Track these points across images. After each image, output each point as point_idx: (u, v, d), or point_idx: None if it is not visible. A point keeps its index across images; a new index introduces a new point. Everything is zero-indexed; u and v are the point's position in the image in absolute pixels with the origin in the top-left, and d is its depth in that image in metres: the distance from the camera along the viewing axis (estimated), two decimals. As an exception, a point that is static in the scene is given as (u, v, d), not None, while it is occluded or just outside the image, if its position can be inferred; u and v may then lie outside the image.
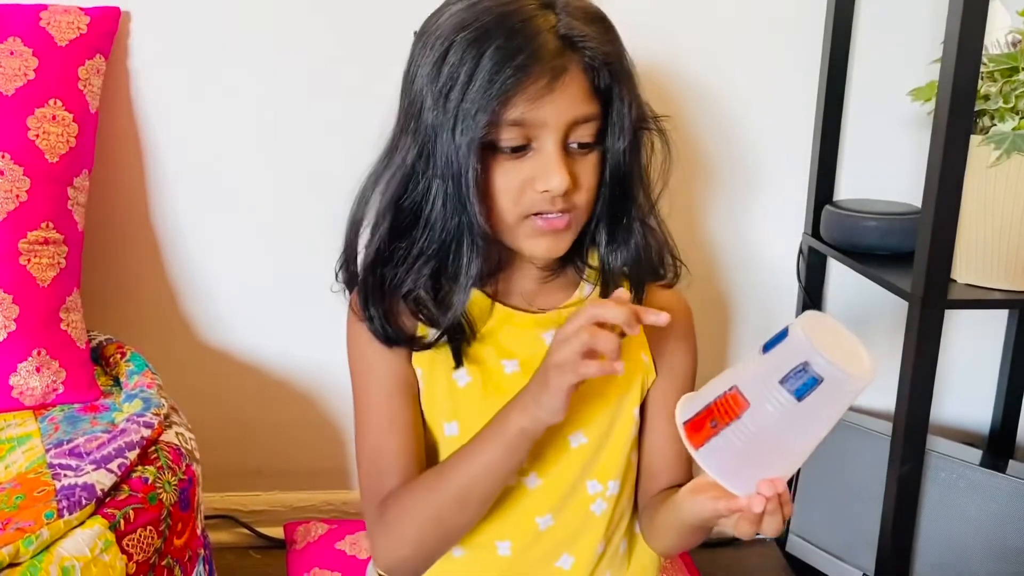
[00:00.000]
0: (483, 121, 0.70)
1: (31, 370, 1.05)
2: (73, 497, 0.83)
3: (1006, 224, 1.09)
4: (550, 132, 0.72)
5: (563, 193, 0.73)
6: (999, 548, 1.20)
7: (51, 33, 1.13)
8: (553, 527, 0.82)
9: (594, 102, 0.73)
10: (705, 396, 0.65)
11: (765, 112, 1.35)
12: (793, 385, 0.59)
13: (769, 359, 0.61)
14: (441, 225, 0.75)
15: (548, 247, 0.76)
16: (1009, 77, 1.09)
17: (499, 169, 0.73)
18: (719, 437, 0.62)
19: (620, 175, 0.76)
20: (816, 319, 0.63)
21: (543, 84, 0.70)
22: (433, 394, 0.82)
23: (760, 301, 1.44)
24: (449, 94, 0.71)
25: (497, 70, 0.69)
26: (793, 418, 0.60)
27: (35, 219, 1.08)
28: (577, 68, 0.71)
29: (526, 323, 0.82)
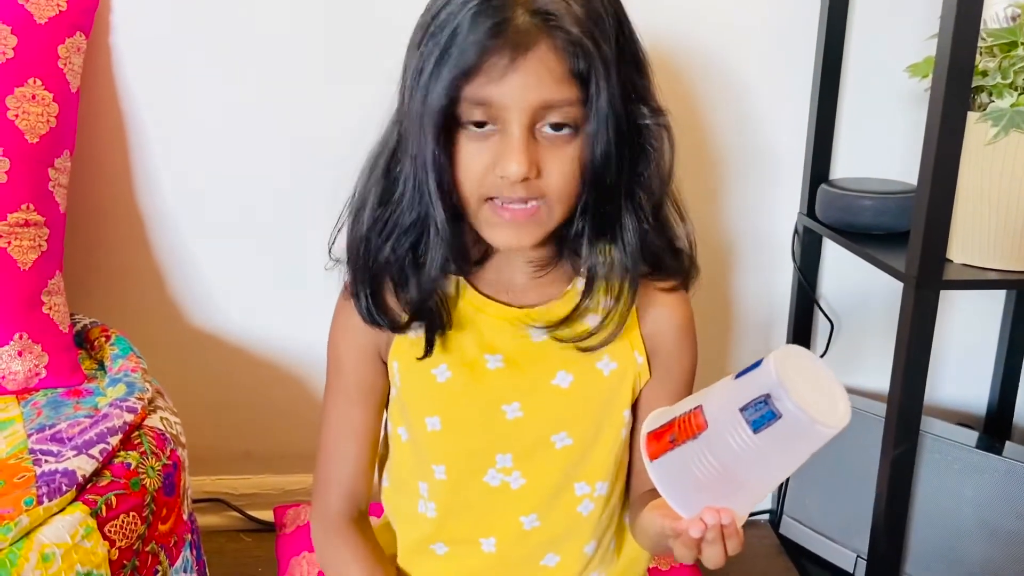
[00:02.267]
0: (442, 96, 0.67)
1: (13, 354, 1.04)
2: (53, 483, 0.82)
3: (1003, 203, 1.07)
4: (513, 114, 0.67)
5: (522, 180, 0.68)
6: (994, 530, 1.20)
7: (30, 10, 1.11)
8: (539, 527, 0.81)
9: (569, 86, 0.68)
10: (673, 411, 0.63)
11: (760, 89, 1.33)
12: (751, 416, 0.56)
13: (737, 385, 0.59)
14: (409, 203, 0.73)
15: (510, 237, 0.72)
16: (1008, 52, 1.07)
17: (465, 148, 0.70)
18: (674, 453, 0.60)
19: (597, 166, 0.70)
20: (796, 354, 0.59)
21: (505, 62, 0.66)
22: (413, 389, 0.80)
23: (755, 281, 1.43)
24: (422, 67, 0.69)
25: (462, 44, 0.66)
26: (748, 450, 0.57)
27: (15, 201, 1.06)
28: (548, 49, 0.66)
29: (512, 317, 0.79)
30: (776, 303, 1.45)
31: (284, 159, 1.30)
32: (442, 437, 0.79)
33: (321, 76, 1.27)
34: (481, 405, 0.79)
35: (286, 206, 1.31)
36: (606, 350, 0.79)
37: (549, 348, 0.78)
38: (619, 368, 0.80)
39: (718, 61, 1.31)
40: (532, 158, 0.68)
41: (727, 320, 1.45)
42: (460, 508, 0.82)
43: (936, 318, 1.05)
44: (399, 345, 0.80)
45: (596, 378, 0.79)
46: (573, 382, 0.79)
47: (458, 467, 0.80)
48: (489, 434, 0.79)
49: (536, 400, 0.79)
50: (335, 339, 0.83)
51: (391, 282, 0.77)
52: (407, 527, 0.86)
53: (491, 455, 0.79)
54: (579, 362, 0.79)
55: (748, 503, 0.62)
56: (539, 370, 0.79)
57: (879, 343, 1.43)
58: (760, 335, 1.46)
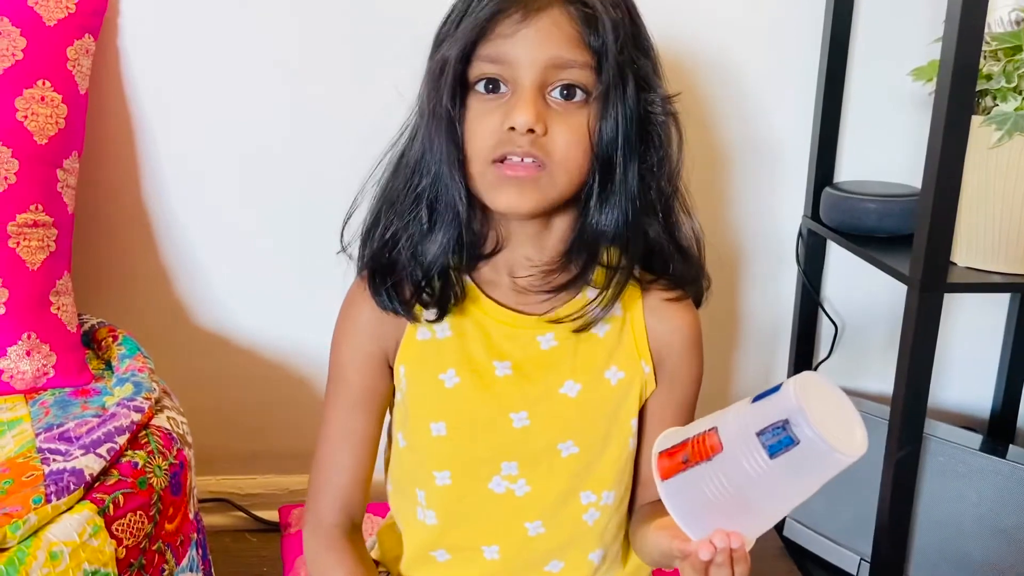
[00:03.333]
0: (457, 55, 0.69)
1: (21, 354, 1.05)
2: (61, 482, 0.82)
3: (1007, 207, 1.07)
4: (523, 71, 0.69)
5: (530, 132, 0.69)
6: (997, 533, 1.20)
7: (39, 13, 1.12)
8: (543, 534, 0.81)
9: (582, 50, 0.69)
10: (686, 432, 0.62)
11: (765, 92, 1.34)
12: (768, 440, 0.56)
13: (755, 409, 0.59)
14: (427, 168, 0.74)
15: (511, 197, 0.71)
16: (1012, 56, 1.08)
17: (475, 110, 0.71)
18: (686, 474, 0.60)
19: (603, 137, 0.71)
20: (816, 381, 0.59)
21: (516, 18, 0.68)
22: (419, 393, 0.80)
23: (759, 284, 1.43)
24: (444, 37, 0.72)
25: (477, 8, 0.69)
26: (763, 475, 0.57)
27: (24, 202, 1.07)
28: (561, 11, 0.69)
29: (522, 324, 0.79)
30: (780, 306, 1.45)
31: (293, 161, 1.30)
32: (447, 443, 0.79)
33: (331, 78, 1.27)
34: (489, 412, 0.78)
35: (295, 207, 1.32)
36: (613, 359, 0.79)
37: (558, 356, 0.78)
38: (626, 377, 0.79)
39: (722, 64, 1.31)
40: (540, 113, 0.70)
41: (731, 323, 1.45)
42: (463, 515, 0.81)
43: (940, 321, 1.05)
44: (407, 349, 0.79)
45: (603, 387, 0.79)
46: (581, 391, 0.78)
47: (463, 473, 0.80)
48: (495, 441, 0.79)
49: (544, 409, 0.78)
50: (339, 345, 0.82)
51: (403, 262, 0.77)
52: (409, 532, 0.85)
53: (496, 462, 0.79)
54: (587, 371, 0.79)
55: (758, 528, 0.62)
56: (547, 378, 0.79)
57: (883, 346, 1.43)
58: (764, 338, 1.47)
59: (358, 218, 0.81)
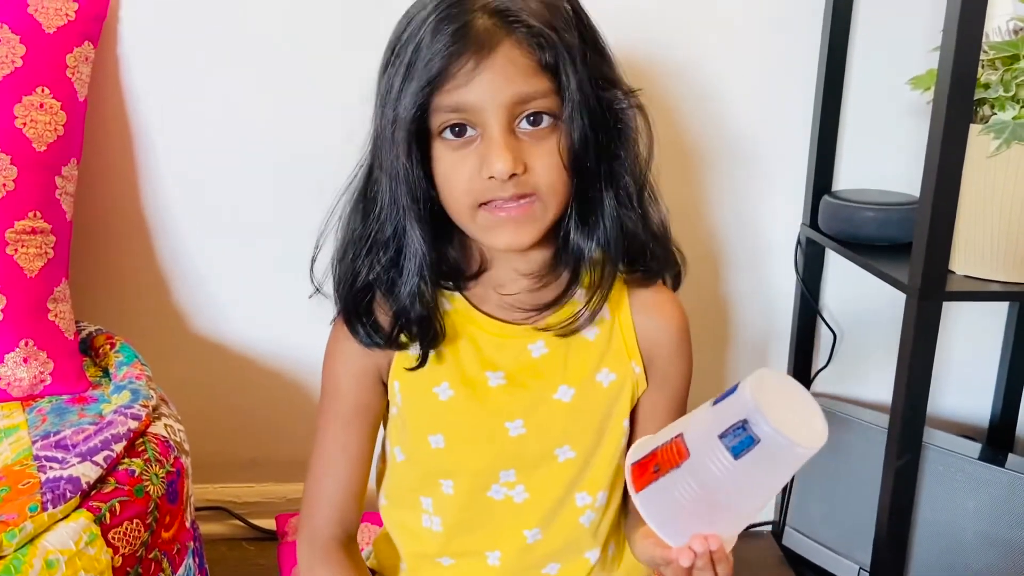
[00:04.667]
0: (411, 107, 0.68)
1: (18, 361, 1.05)
2: (58, 490, 0.82)
3: (1006, 215, 1.07)
4: (490, 115, 0.68)
5: (510, 177, 0.69)
6: (996, 542, 1.19)
7: (39, 20, 1.12)
8: (541, 540, 0.81)
9: (541, 78, 0.69)
10: (655, 441, 0.63)
11: (763, 101, 1.34)
12: (731, 442, 0.57)
13: (715, 412, 0.60)
14: (387, 217, 0.74)
15: (510, 237, 0.72)
16: (1010, 65, 1.08)
17: (447, 159, 0.71)
18: (659, 483, 0.60)
19: (577, 152, 0.71)
20: (771, 378, 0.60)
21: (471, 66, 0.67)
22: (414, 407, 0.80)
23: (757, 292, 1.43)
24: (391, 87, 0.70)
25: (426, 55, 0.67)
26: (730, 476, 0.58)
27: (22, 208, 1.07)
28: (512, 45, 0.68)
29: (512, 334, 0.79)
30: (779, 314, 1.45)
31: (292, 169, 1.30)
32: (446, 455, 0.79)
33: (332, 87, 1.27)
34: (484, 423, 0.78)
35: (293, 216, 1.31)
36: (604, 362, 0.79)
37: (549, 362, 0.79)
38: (618, 379, 0.80)
39: (720, 72, 1.31)
40: (516, 154, 0.69)
41: (729, 331, 1.45)
42: (467, 522, 0.81)
43: (939, 329, 1.05)
44: (399, 365, 0.79)
45: (596, 390, 0.79)
46: (575, 395, 0.79)
47: (462, 483, 0.80)
48: (492, 451, 0.79)
49: (539, 416, 0.79)
50: (331, 364, 0.82)
51: (383, 300, 0.78)
52: (411, 541, 0.85)
53: (495, 471, 0.79)
54: (579, 375, 0.79)
55: (734, 526, 0.63)
56: (540, 385, 0.79)
57: (882, 354, 1.43)
58: (762, 346, 1.46)
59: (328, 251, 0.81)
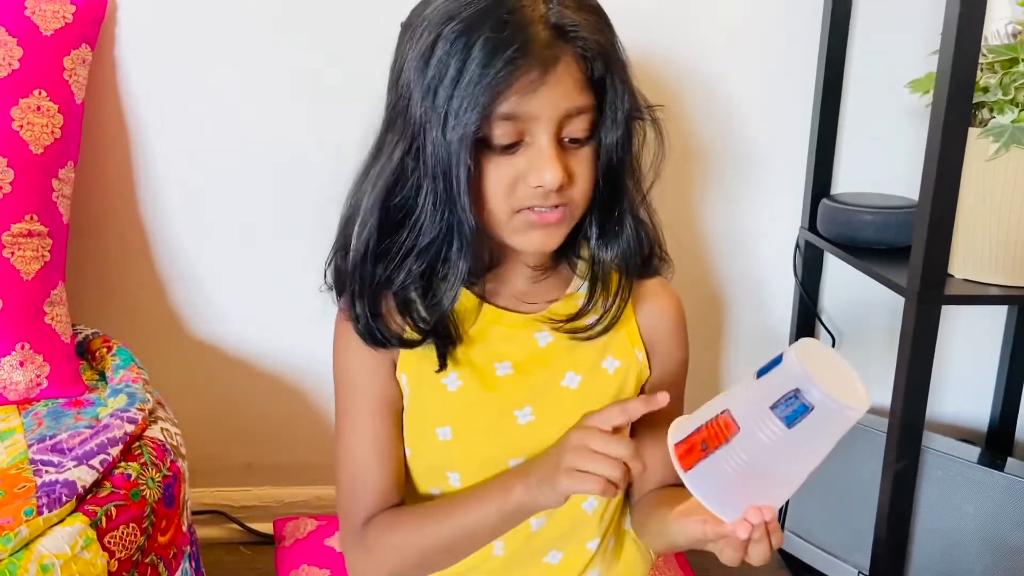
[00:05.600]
0: (474, 118, 0.67)
1: (14, 364, 1.04)
2: (54, 494, 0.82)
3: (1005, 219, 1.07)
4: (543, 125, 0.69)
5: (558, 188, 0.70)
6: (995, 546, 1.19)
7: (36, 22, 1.12)
8: (545, 527, 0.82)
9: (588, 93, 0.71)
10: (697, 419, 0.63)
11: (762, 104, 1.34)
12: (784, 412, 0.58)
13: (762, 384, 0.60)
14: (431, 224, 0.72)
15: (541, 241, 0.74)
16: (1009, 69, 1.08)
17: (491, 165, 0.71)
18: (708, 460, 0.61)
19: (612, 167, 0.74)
20: (812, 346, 0.62)
21: (534, 76, 0.67)
22: (422, 400, 0.80)
23: (756, 296, 1.43)
24: (438, 89, 0.69)
25: (487, 63, 0.66)
26: (783, 445, 0.59)
27: (19, 211, 1.06)
28: (569, 58, 0.69)
29: (518, 323, 0.80)
30: (777, 317, 1.45)
31: (288, 172, 1.30)
32: (455, 446, 0.79)
33: (327, 89, 1.27)
34: (493, 412, 0.79)
35: (288, 218, 1.31)
36: (609, 349, 0.80)
37: (555, 351, 0.80)
38: (622, 366, 0.81)
39: (719, 75, 1.31)
40: (566, 166, 0.71)
41: (728, 333, 1.45)
42: None
43: (937, 333, 1.05)
44: (405, 359, 0.79)
45: (602, 377, 0.80)
46: (582, 382, 0.80)
47: (471, 474, 0.80)
48: (502, 440, 0.79)
49: (547, 403, 0.79)
50: (343, 360, 0.81)
51: (394, 302, 0.77)
52: None
53: (504, 460, 0.79)
54: (585, 362, 0.80)
55: (783, 495, 0.64)
56: (548, 373, 0.80)
57: (881, 358, 1.43)
58: (761, 349, 1.46)
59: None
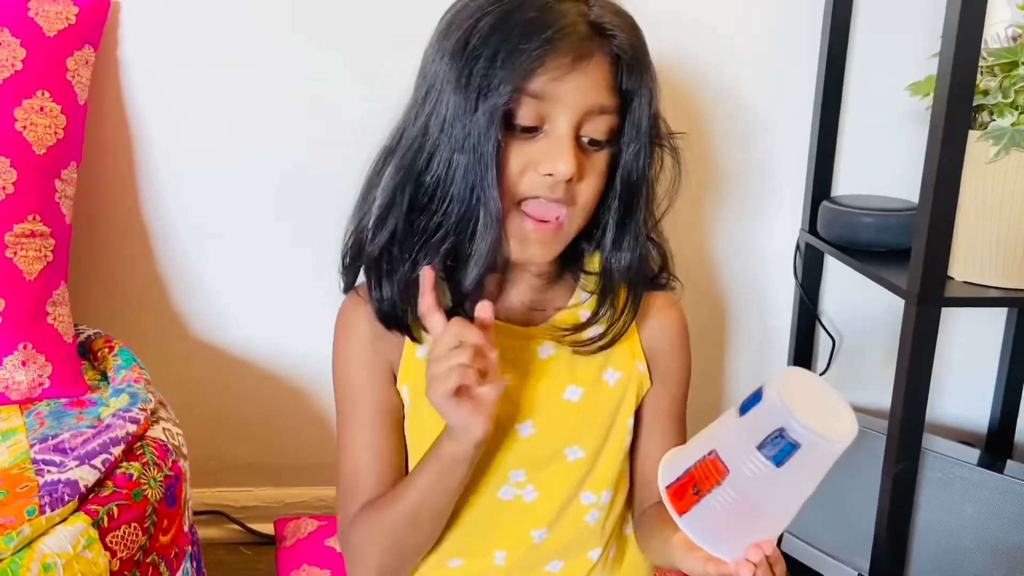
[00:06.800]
0: (507, 91, 0.68)
1: (17, 364, 1.04)
2: (56, 493, 0.82)
3: (1004, 221, 1.07)
4: (565, 113, 0.70)
5: (566, 180, 0.70)
6: (995, 548, 1.19)
7: (39, 23, 1.12)
8: (547, 539, 0.82)
9: (614, 95, 0.71)
10: (685, 459, 0.63)
11: (763, 107, 1.34)
12: (771, 452, 0.58)
13: (745, 423, 0.60)
14: (459, 199, 0.71)
15: (534, 253, 0.73)
16: (1009, 72, 1.08)
17: (508, 147, 0.71)
18: (702, 504, 0.61)
19: (631, 178, 0.74)
20: (793, 377, 0.61)
21: (567, 61, 0.68)
22: (423, 411, 0.79)
23: (756, 298, 1.43)
24: (474, 68, 0.69)
25: (524, 41, 0.67)
26: (773, 483, 0.59)
27: (22, 211, 1.07)
28: (603, 56, 0.70)
29: (519, 335, 0.79)
30: (778, 319, 1.45)
31: (290, 173, 1.30)
32: None
33: (331, 90, 1.27)
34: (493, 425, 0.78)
35: (291, 219, 1.32)
36: (610, 361, 0.80)
37: (557, 363, 0.79)
38: (623, 377, 0.81)
39: (720, 78, 1.32)
40: (580, 161, 0.71)
41: (728, 336, 1.45)
42: (474, 524, 0.81)
43: (937, 335, 1.05)
44: (407, 368, 0.79)
45: (603, 389, 0.80)
46: (583, 395, 0.79)
47: (472, 485, 0.80)
48: (502, 452, 0.79)
49: (548, 416, 0.79)
50: (344, 362, 0.81)
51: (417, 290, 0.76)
52: None
53: (504, 471, 0.80)
54: (586, 374, 0.80)
55: (780, 527, 0.64)
56: (549, 386, 0.79)
57: (881, 360, 1.43)
58: (762, 352, 1.46)
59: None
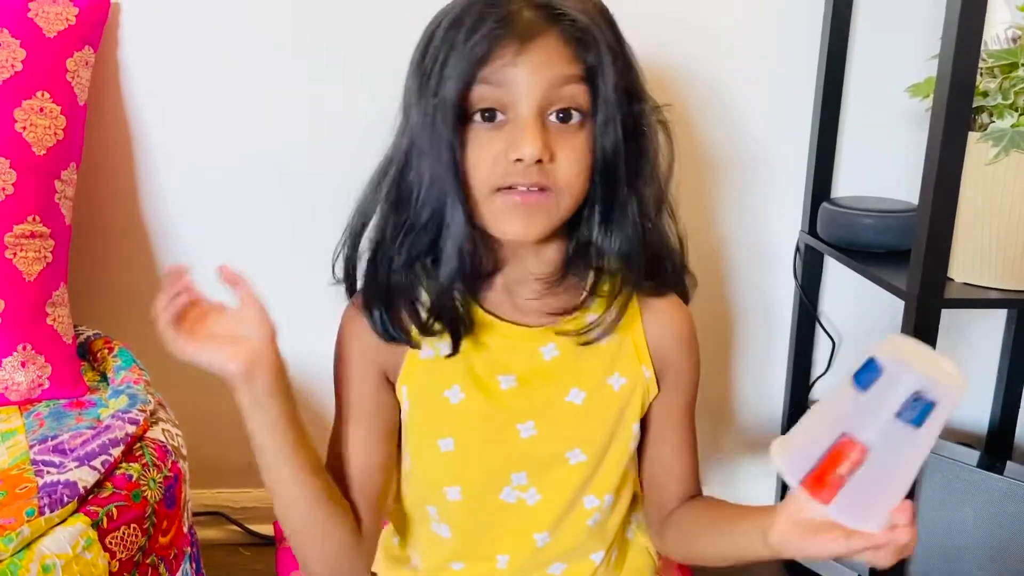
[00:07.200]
0: (456, 86, 0.68)
1: (16, 365, 1.04)
2: (55, 494, 0.82)
3: (1004, 222, 1.07)
4: (524, 95, 0.69)
5: (537, 162, 0.69)
6: (996, 550, 1.19)
7: (39, 24, 1.12)
8: (550, 543, 0.81)
9: (575, 65, 0.70)
10: (809, 449, 0.63)
11: (763, 108, 1.34)
12: (911, 416, 0.59)
13: (872, 396, 0.61)
14: (425, 200, 0.73)
15: (517, 227, 0.71)
16: (1008, 73, 1.08)
17: (474, 140, 0.71)
18: (847, 488, 0.61)
19: (606, 156, 0.72)
20: (899, 342, 0.63)
21: (514, 48, 0.68)
22: (423, 413, 0.79)
23: (756, 299, 1.43)
24: (431, 73, 0.70)
25: (470, 36, 0.68)
26: (915, 446, 0.61)
27: (21, 212, 1.07)
28: (555, 35, 0.69)
29: (522, 336, 0.79)
30: (777, 320, 1.45)
31: (291, 174, 1.30)
32: (456, 458, 0.78)
33: (332, 91, 1.27)
34: (495, 425, 0.78)
35: (291, 220, 1.32)
36: (615, 366, 0.79)
37: (561, 365, 0.79)
38: (628, 383, 0.80)
39: (719, 79, 1.32)
40: (546, 142, 0.69)
41: (728, 337, 1.45)
42: (477, 527, 0.81)
43: (937, 336, 1.05)
44: (409, 369, 0.79)
45: (607, 393, 0.79)
46: (587, 398, 0.79)
47: (473, 487, 0.80)
48: (504, 453, 0.79)
49: (550, 418, 0.79)
50: (342, 368, 0.82)
51: (405, 294, 0.77)
52: (425, 548, 0.85)
53: (506, 473, 0.79)
54: (591, 378, 0.79)
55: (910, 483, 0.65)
56: (552, 388, 0.79)
57: (880, 361, 1.43)
58: (761, 352, 1.46)
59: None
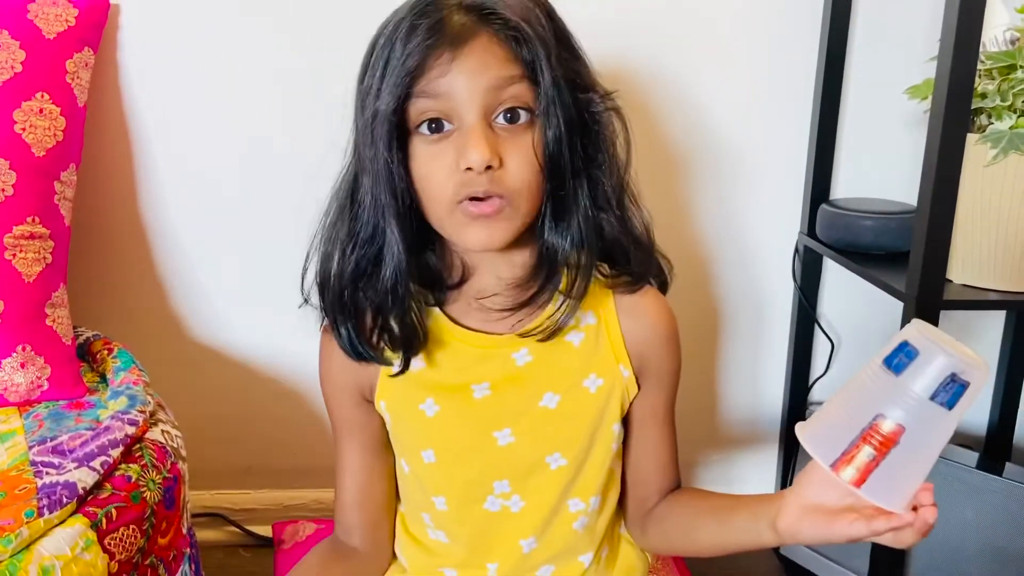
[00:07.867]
0: (390, 101, 0.68)
1: (15, 366, 1.04)
2: (54, 495, 0.82)
3: (1003, 224, 1.07)
4: (465, 102, 0.68)
5: (486, 169, 0.68)
6: (995, 552, 1.19)
7: (39, 26, 1.12)
8: (537, 548, 0.82)
9: (514, 66, 0.69)
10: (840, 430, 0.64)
11: (761, 109, 1.34)
12: (945, 398, 0.60)
13: (908, 379, 0.61)
14: (369, 216, 0.73)
15: (480, 238, 0.71)
16: (1007, 75, 1.08)
17: (425, 153, 0.70)
18: (879, 470, 0.62)
19: (551, 149, 0.70)
20: (924, 328, 0.63)
21: (447, 55, 0.67)
22: (403, 427, 0.81)
23: (755, 301, 1.43)
24: (368, 91, 0.70)
25: (402, 53, 0.68)
26: (946, 426, 0.62)
27: (21, 213, 1.07)
28: (488, 37, 0.68)
29: (494, 344, 0.79)
30: (776, 322, 1.45)
31: (290, 176, 1.30)
32: (438, 469, 0.79)
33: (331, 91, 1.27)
34: (472, 434, 0.79)
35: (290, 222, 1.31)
36: (591, 367, 0.79)
37: (534, 370, 0.78)
38: (606, 384, 0.79)
39: (718, 80, 1.32)
40: (492, 146, 0.68)
41: (726, 339, 1.45)
42: (464, 536, 0.82)
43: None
44: (384, 385, 0.80)
45: (583, 396, 0.79)
46: (561, 401, 0.78)
47: (456, 497, 0.80)
48: (483, 462, 0.79)
49: (526, 423, 0.78)
50: (323, 386, 0.85)
51: (362, 312, 0.77)
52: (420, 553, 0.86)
53: (488, 482, 0.79)
54: (564, 381, 0.79)
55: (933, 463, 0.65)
56: (526, 393, 0.79)
57: (879, 363, 1.43)
58: (760, 354, 1.46)
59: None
